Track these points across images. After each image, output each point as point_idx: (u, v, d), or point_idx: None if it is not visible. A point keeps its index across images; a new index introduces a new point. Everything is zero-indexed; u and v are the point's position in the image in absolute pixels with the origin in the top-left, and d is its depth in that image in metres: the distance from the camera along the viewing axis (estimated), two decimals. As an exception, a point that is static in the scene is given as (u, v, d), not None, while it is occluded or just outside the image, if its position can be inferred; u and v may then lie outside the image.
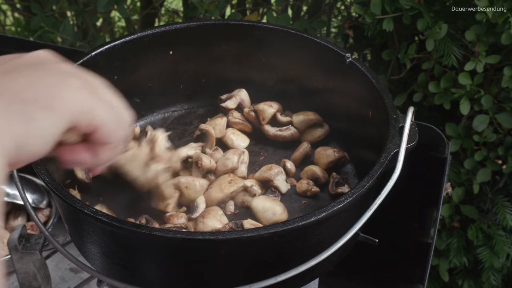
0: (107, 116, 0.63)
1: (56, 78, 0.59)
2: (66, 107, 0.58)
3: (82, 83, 0.61)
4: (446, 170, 1.36)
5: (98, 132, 0.63)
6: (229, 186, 1.11)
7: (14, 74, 0.57)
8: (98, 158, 0.67)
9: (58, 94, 0.58)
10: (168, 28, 1.24)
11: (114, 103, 0.65)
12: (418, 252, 1.52)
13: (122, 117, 0.66)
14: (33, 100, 0.56)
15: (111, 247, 0.94)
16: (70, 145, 0.66)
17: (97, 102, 0.62)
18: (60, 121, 0.58)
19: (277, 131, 1.28)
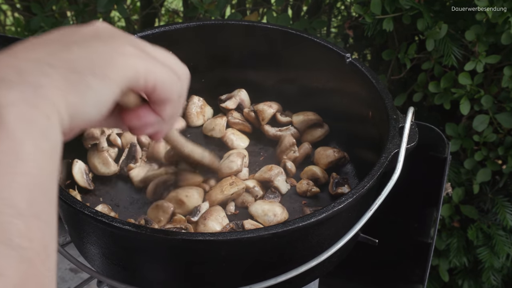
0: (163, 73, 0.65)
1: (110, 47, 0.61)
2: (120, 74, 0.60)
3: (136, 49, 0.62)
4: (446, 170, 1.36)
5: (157, 90, 0.65)
6: (230, 188, 1.11)
7: (70, 45, 0.59)
8: (163, 117, 0.69)
9: (112, 62, 0.59)
10: (168, 28, 1.24)
11: (168, 61, 0.67)
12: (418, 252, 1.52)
13: (178, 71, 0.68)
14: (88, 69, 0.57)
15: (111, 248, 0.94)
16: (134, 110, 0.69)
17: (152, 63, 0.63)
18: (114, 88, 0.59)
19: (277, 131, 1.28)
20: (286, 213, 1.10)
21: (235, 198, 1.14)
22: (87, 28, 0.63)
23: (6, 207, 0.46)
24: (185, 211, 1.09)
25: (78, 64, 0.57)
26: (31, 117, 0.51)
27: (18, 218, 0.47)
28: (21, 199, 0.47)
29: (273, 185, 1.16)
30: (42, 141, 0.51)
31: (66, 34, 0.61)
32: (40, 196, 0.50)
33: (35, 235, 0.48)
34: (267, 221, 1.07)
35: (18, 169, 0.48)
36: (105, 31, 0.64)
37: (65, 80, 0.56)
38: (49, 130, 0.52)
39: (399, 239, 1.54)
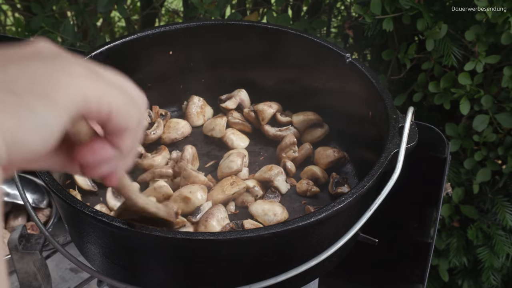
0: (119, 99, 0.56)
1: (55, 66, 0.52)
2: (67, 96, 0.51)
3: (85, 69, 0.54)
4: (446, 170, 1.36)
5: (113, 117, 0.56)
6: (231, 188, 1.11)
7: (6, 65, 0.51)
8: (122, 150, 0.60)
9: (57, 82, 0.51)
10: (168, 28, 1.24)
11: (122, 84, 0.59)
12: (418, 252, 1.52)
13: (134, 96, 0.60)
14: (28, 90, 0.49)
15: (111, 247, 0.94)
16: (87, 143, 0.60)
17: (104, 85, 0.55)
18: (61, 113, 0.51)
19: (277, 131, 1.28)
20: (286, 212, 1.10)
21: (235, 198, 1.14)
22: (27, 47, 0.55)
23: None
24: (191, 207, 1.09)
25: (16, 85, 0.49)
26: None
27: None
28: None
29: (273, 185, 1.16)
30: None
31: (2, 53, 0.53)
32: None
33: None
34: (267, 221, 1.07)
35: None
36: (48, 50, 0.55)
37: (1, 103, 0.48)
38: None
39: (399, 239, 1.54)
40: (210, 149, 1.29)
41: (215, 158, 1.25)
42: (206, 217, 1.05)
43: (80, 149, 0.60)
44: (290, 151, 1.22)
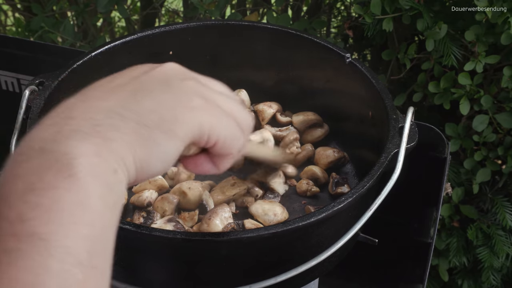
0: (226, 130, 0.65)
1: (179, 100, 0.61)
2: (186, 131, 0.60)
3: (203, 102, 0.62)
4: (446, 170, 1.36)
5: (217, 146, 0.65)
6: (231, 189, 1.11)
7: (139, 95, 0.59)
8: (219, 168, 0.70)
9: (179, 117, 0.60)
10: (168, 28, 1.24)
11: (234, 112, 0.66)
12: (418, 252, 1.52)
13: (242, 123, 0.67)
14: (156, 125, 0.58)
15: (112, 247, 0.94)
16: (193, 157, 0.69)
17: (217, 118, 0.63)
18: (180, 144, 0.60)
19: (277, 132, 1.28)
20: (286, 213, 1.10)
21: (236, 198, 1.14)
22: (157, 71, 0.64)
23: (67, 256, 0.47)
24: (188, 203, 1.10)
25: (147, 119, 0.57)
26: (100, 170, 0.52)
27: (77, 267, 0.47)
28: (82, 250, 0.48)
29: (269, 186, 1.16)
30: (108, 194, 0.52)
31: (136, 78, 0.62)
32: (99, 247, 0.51)
33: (91, 285, 0.49)
34: (267, 221, 1.07)
35: (83, 220, 0.49)
36: (175, 76, 0.64)
37: (135, 134, 0.56)
38: (115, 184, 0.53)
39: (399, 239, 1.54)
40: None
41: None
42: (209, 215, 1.05)
43: (186, 159, 0.69)
44: (294, 147, 1.22)
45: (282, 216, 1.09)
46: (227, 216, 1.06)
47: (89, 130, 0.53)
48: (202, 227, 1.04)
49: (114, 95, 0.58)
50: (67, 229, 0.48)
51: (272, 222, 1.07)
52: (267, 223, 1.07)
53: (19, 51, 1.62)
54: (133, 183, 0.58)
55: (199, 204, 1.09)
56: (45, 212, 0.48)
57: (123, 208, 1.13)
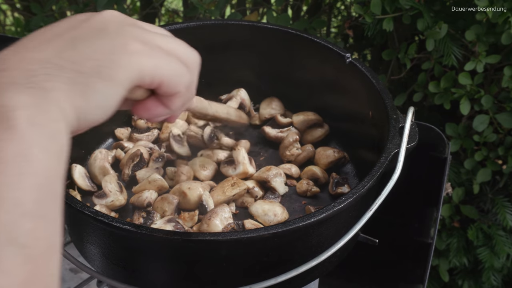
0: (170, 68, 0.65)
1: (117, 45, 0.60)
2: (125, 74, 0.60)
3: (142, 45, 0.62)
4: (446, 170, 1.36)
5: (163, 86, 0.65)
6: (231, 189, 1.11)
7: (76, 42, 0.59)
8: (171, 109, 0.70)
9: (117, 62, 0.59)
10: (168, 28, 1.24)
11: (176, 51, 0.66)
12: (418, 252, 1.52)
13: (187, 61, 0.68)
14: (93, 71, 0.58)
15: (111, 247, 0.94)
16: (142, 101, 0.69)
17: (158, 59, 0.63)
18: (120, 89, 0.60)
19: (278, 133, 1.28)
20: (286, 213, 1.10)
21: (236, 199, 1.14)
22: (95, 18, 0.63)
23: (14, 207, 0.47)
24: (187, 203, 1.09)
25: (84, 66, 0.58)
26: (40, 121, 0.52)
27: (25, 217, 0.48)
28: (28, 199, 0.48)
29: (270, 185, 1.15)
30: (50, 143, 0.52)
31: (73, 26, 0.61)
32: (47, 196, 0.51)
33: (41, 235, 0.49)
34: (267, 221, 1.07)
35: (26, 170, 0.49)
36: (113, 22, 0.63)
37: (72, 83, 0.56)
38: (57, 133, 0.54)
39: (399, 239, 1.54)
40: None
41: (215, 158, 1.25)
42: (209, 215, 1.05)
43: (136, 105, 0.69)
44: (294, 149, 1.22)
45: (282, 216, 1.08)
46: (227, 216, 1.06)
47: (25, 81, 0.53)
48: (202, 227, 1.04)
49: (49, 45, 0.58)
50: (12, 180, 0.48)
51: (272, 222, 1.07)
52: (267, 223, 1.07)
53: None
54: (75, 132, 0.58)
55: (199, 204, 1.09)
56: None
57: (123, 208, 1.13)
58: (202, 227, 1.04)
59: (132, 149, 1.21)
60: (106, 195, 1.12)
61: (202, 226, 1.04)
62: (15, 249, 0.46)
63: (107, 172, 1.17)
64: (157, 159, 1.20)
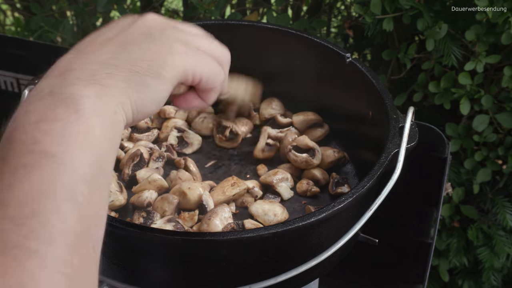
0: (208, 66, 0.74)
1: (163, 47, 0.69)
2: (172, 73, 0.69)
3: (183, 46, 0.71)
4: (446, 170, 1.36)
5: (201, 82, 0.74)
6: (231, 189, 1.11)
7: (128, 46, 0.68)
8: (207, 102, 0.79)
9: (165, 62, 0.68)
10: (168, 28, 1.24)
11: (212, 50, 0.75)
12: (418, 252, 1.52)
13: (220, 59, 0.77)
14: (146, 70, 0.67)
15: (111, 247, 0.94)
16: (182, 95, 0.78)
17: (198, 58, 0.72)
18: (169, 85, 0.69)
19: (278, 133, 1.28)
20: (286, 213, 1.10)
21: (236, 199, 1.14)
22: (139, 23, 0.71)
23: (75, 173, 0.56)
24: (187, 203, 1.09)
25: (137, 66, 0.66)
26: (102, 109, 0.61)
27: (83, 183, 0.57)
28: (88, 171, 0.57)
29: (275, 190, 1.15)
30: (108, 130, 0.62)
31: (121, 31, 0.70)
32: (101, 171, 0.59)
33: (94, 201, 0.58)
34: (267, 221, 1.07)
35: (87, 146, 0.58)
36: (156, 27, 0.71)
37: (129, 81, 0.65)
38: (115, 123, 0.63)
39: (399, 239, 1.54)
40: (210, 148, 1.29)
41: (215, 158, 1.25)
42: (209, 215, 1.05)
43: (177, 98, 0.79)
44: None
45: (282, 216, 1.08)
46: (227, 216, 1.06)
47: (89, 78, 0.63)
48: (202, 227, 1.04)
49: (105, 48, 0.67)
50: (75, 151, 0.57)
51: (272, 222, 1.07)
52: (267, 223, 1.07)
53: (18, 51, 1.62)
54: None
55: (199, 204, 1.09)
56: (55, 136, 0.57)
57: (123, 208, 1.13)
58: (202, 227, 1.04)
59: (132, 149, 1.21)
60: None
61: (202, 226, 1.04)
62: (73, 206, 0.55)
63: None
64: (157, 159, 1.20)
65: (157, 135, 1.28)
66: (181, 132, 1.25)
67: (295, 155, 1.19)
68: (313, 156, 1.18)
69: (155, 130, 1.29)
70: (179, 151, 1.25)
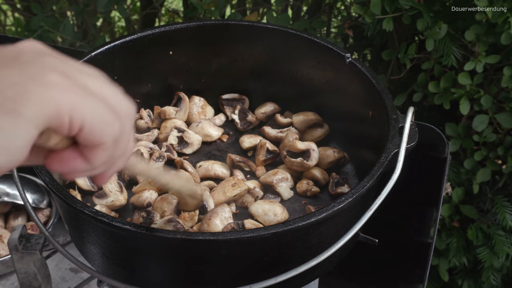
0: (94, 111, 0.53)
1: (29, 75, 0.50)
2: (37, 110, 0.49)
3: (62, 77, 0.51)
4: (446, 170, 1.36)
5: (83, 132, 0.53)
6: (232, 190, 1.11)
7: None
8: (92, 164, 0.57)
9: (27, 94, 0.49)
10: (168, 28, 1.24)
11: (105, 94, 0.55)
12: (418, 252, 1.52)
13: (117, 108, 0.55)
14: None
15: (111, 247, 0.94)
16: (58, 152, 0.56)
17: (81, 97, 0.52)
18: (30, 127, 0.49)
19: (278, 133, 1.28)
20: (286, 213, 1.10)
21: (237, 199, 1.14)
22: (9, 49, 0.53)
23: None
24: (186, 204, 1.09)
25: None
26: None
27: None
28: None
29: (275, 190, 1.15)
30: None
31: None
32: None
33: None
34: (267, 221, 1.07)
35: None
36: (30, 53, 0.53)
37: None
38: None
39: (399, 239, 1.54)
40: (210, 149, 1.29)
41: (216, 159, 1.25)
42: (210, 215, 1.05)
43: (50, 156, 0.57)
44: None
45: (282, 216, 1.09)
46: (227, 216, 1.06)
47: None
48: (202, 227, 1.04)
49: None
50: None
51: (272, 222, 1.07)
52: (267, 223, 1.07)
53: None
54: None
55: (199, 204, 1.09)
56: None
57: (123, 208, 1.13)
58: (203, 227, 1.04)
59: (132, 149, 1.21)
60: (106, 195, 1.12)
61: (202, 226, 1.05)
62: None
63: None
64: (157, 159, 1.20)
65: (157, 135, 1.28)
66: (181, 132, 1.25)
67: (290, 160, 1.19)
68: (307, 158, 1.18)
69: (155, 130, 1.29)
70: (179, 151, 1.25)
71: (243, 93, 1.36)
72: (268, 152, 1.22)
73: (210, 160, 1.22)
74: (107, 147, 0.56)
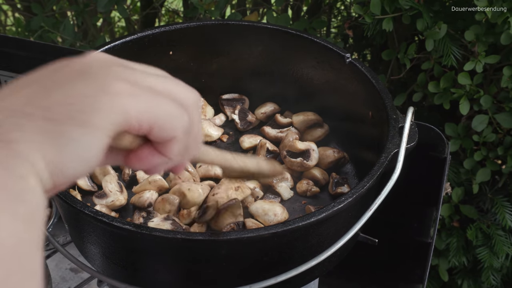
0: (161, 110, 0.55)
1: (97, 86, 0.52)
2: (107, 119, 0.51)
3: (128, 85, 0.54)
4: (445, 170, 1.36)
5: (154, 130, 0.55)
6: (235, 193, 1.11)
7: (50, 88, 0.51)
8: (169, 157, 0.59)
9: (96, 106, 0.51)
10: (168, 28, 1.24)
11: (169, 90, 0.57)
12: (418, 252, 1.52)
13: (183, 101, 0.58)
14: (67, 117, 0.49)
15: (111, 247, 0.94)
16: (135, 151, 0.59)
17: (147, 100, 0.54)
18: (101, 136, 0.51)
19: (278, 133, 1.28)
20: (286, 213, 1.10)
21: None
22: (77, 62, 0.55)
23: None
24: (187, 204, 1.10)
25: (55, 112, 0.49)
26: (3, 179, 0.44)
27: None
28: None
29: (275, 190, 1.16)
30: (17, 206, 0.44)
31: (52, 72, 0.54)
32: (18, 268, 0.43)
33: None
34: (267, 221, 1.07)
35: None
36: (96, 64, 0.55)
37: (43, 133, 0.48)
38: (25, 192, 0.46)
39: (399, 239, 1.54)
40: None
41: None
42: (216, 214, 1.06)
43: (128, 155, 0.59)
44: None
45: (282, 216, 1.09)
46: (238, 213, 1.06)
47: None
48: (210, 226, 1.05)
49: (24, 91, 0.50)
50: None
51: (272, 222, 1.07)
52: (267, 223, 1.07)
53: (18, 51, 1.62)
54: (53, 189, 0.50)
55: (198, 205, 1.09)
56: None
57: (123, 208, 1.13)
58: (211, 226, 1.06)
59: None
60: (106, 195, 1.12)
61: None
62: None
63: (107, 172, 1.17)
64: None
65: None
66: None
67: (290, 160, 1.19)
68: (307, 159, 1.18)
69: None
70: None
71: (243, 93, 1.36)
72: (268, 152, 1.22)
73: (210, 160, 1.22)
74: (179, 139, 0.58)
